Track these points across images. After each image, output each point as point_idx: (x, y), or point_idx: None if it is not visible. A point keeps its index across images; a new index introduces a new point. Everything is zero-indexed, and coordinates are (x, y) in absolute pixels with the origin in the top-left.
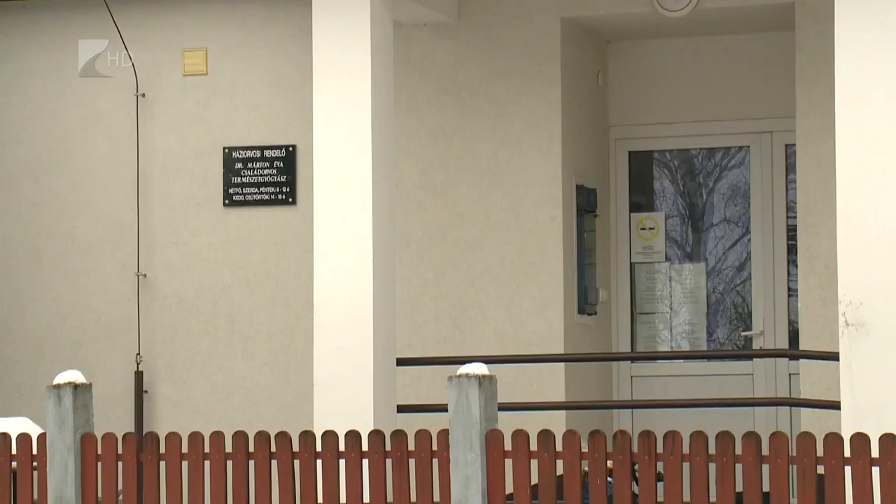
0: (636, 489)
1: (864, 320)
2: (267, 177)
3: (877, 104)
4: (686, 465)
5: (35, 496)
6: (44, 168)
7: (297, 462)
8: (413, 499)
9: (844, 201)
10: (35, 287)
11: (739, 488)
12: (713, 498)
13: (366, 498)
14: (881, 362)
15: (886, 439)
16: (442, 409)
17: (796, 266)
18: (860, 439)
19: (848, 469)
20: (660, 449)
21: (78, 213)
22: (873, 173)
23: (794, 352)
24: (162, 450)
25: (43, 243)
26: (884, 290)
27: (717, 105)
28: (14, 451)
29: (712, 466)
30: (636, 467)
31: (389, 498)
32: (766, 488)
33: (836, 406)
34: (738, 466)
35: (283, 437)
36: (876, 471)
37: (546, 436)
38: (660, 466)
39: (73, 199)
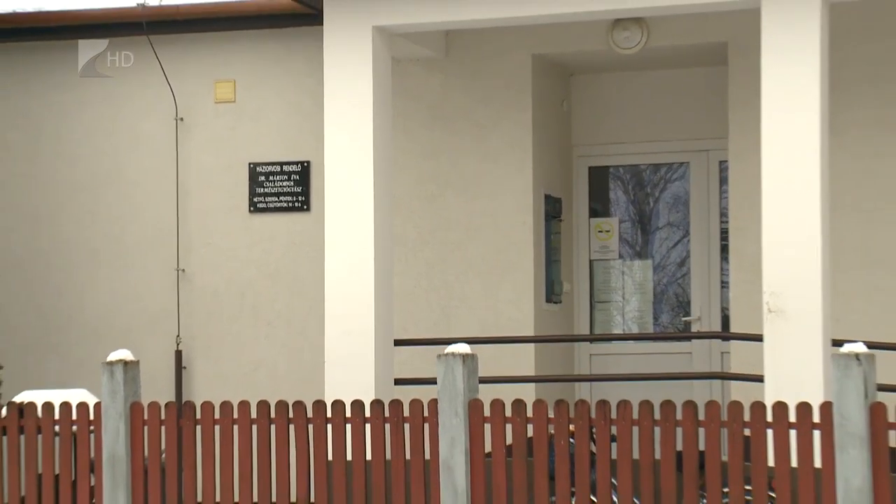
0: (594, 448)
1: (782, 308)
2: (285, 188)
3: (795, 128)
4: (635, 429)
5: (91, 454)
6: (98, 182)
7: (311, 426)
8: (408, 456)
9: (768, 209)
10: (92, 281)
11: (679, 448)
12: (657, 456)
13: (368, 456)
14: (797, 342)
15: (802, 407)
16: (432, 382)
17: (728, 263)
18: (780, 407)
19: (770, 432)
20: (613, 415)
21: (127, 219)
22: (792, 186)
23: (725, 334)
24: (198, 416)
25: (98, 245)
26: (799, 283)
27: (662, 127)
28: (74, 417)
29: (657, 430)
30: (594, 430)
31: (388, 456)
32: (701, 448)
33: (760, 379)
34: (679, 430)
35: (299, 405)
36: (793, 433)
37: (519, 404)
38: (613, 430)
39: (122, 208)
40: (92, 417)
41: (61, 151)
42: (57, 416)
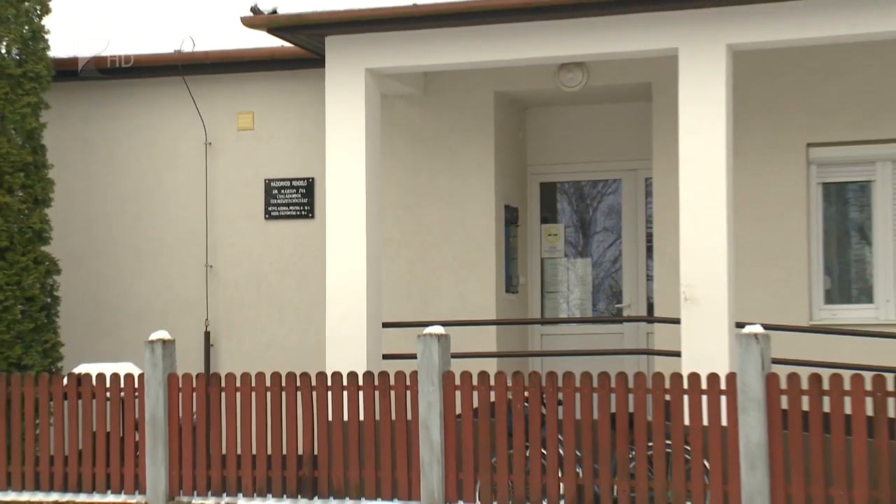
0: (544, 411)
1: (696, 297)
2: (294, 199)
3: (705, 151)
4: (578, 395)
5: (136, 416)
6: (142, 194)
7: (314, 393)
8: (393, 417)
9: (684, 217)
10: (137, 274)
11: (613, 410)
12: (595, 416)
13: (361, 417)
14: (707, 325)
15: (712, 377)
16: (413, 357)
17: (652, 260)
18: (694, 377)
19: (686, 397)
20: (560, 384)
21: (165, 224)
22: (703, 199)
23: (650, 318)
24: (222, 385)
25: (141, 245)
26: (709, 277)
27: (599, 151)
28: (122, 386)
29: (595, 396)
30: (544, 396)
31: (377, 417)
32: (630, 410)
33: (677, 354)
34: (613, 396)
35: (304, 376)
36: (704, 398)
37: (483, 375)
38: (560, 396)
39: (161, 215)
40: (136, 386)
41: (112, 169)
42: (108, 385)
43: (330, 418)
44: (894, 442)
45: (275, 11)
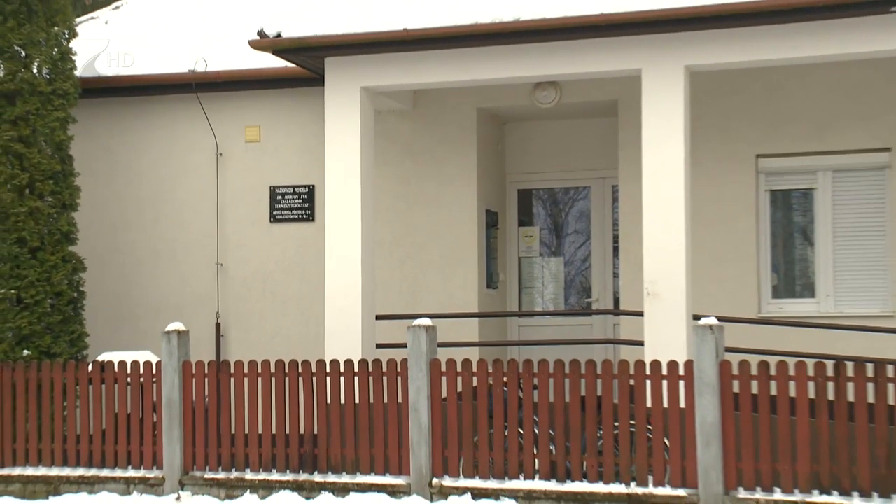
0: (521, 394)
1: (657, 292)
2: (296, 204)
3: (666, 162)
4: (551, 380)
5: (154, 399)
6: (159, 199)
7: (314, 379)
8: (385, 401)
9: (647, 221)
10: (154, 272)
11: (583, 393)
12: (567, 400)
13: (357, 400)
14: (667, 317)
15: (671, 364)
16: (403, 346)
17: (618, 259)
18: (655, 364)
19: (648, 382)
20: (535, 370)
21: (180, 227)
22: (664, 204)
23: (616, 311)
24: (232, 371)
25: (159, 246)
26: (669, 274)
27: (570, 161)
28: (141, 372)
29: (567, 381)
30: (521, 382)
31: (371, 400)
32: (599, 393)
33: (641, 343)
34: (583, 381)
35: (305, 363)
36: (665, 383)
37: (466, 362)
38: (535, 381)
39: (177, 218)
40: (154, 372)
41: (132, 177)
42: (129, 371)
43: (328, 401)
44: (833, 421)
45: (279, 35)
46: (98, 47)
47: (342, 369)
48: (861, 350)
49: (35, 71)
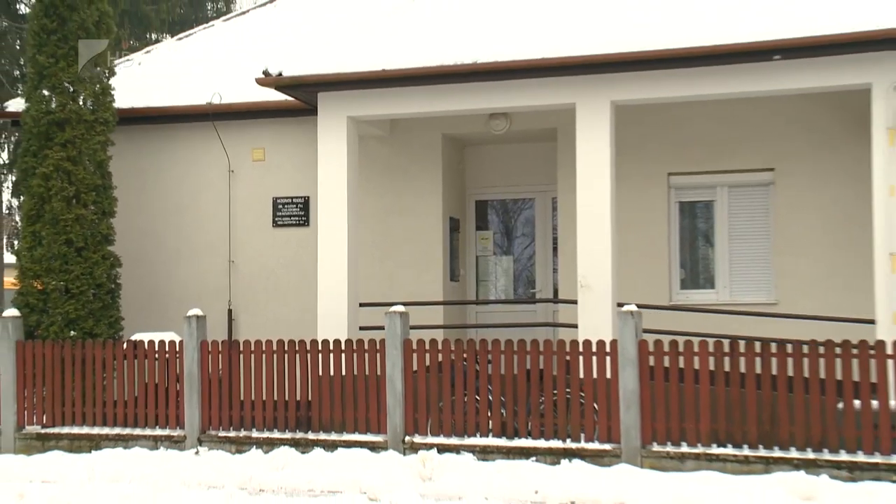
0: (478, 368)
1: (588, 285)
2: (294, 212)
3: (595, 178)
4: (502, 357)
5: (177, 372)
6: (182, 209)
7: (309, 355)
8: (367, 373)
9: (580, 226)
10: (178, 268)
11: (528, 368)
12: (515, 372)
13: (343, 373)
14: (596, 305)
15: (600, 343)
16: (381, 328)
17: (557, 257)
18: (587, 343)
19: (581, 358)
20: (489, 348)
21: (199, 230)
22: (594, 213)
23: (555, 300)
24: (241, 349)
25: (181, 246)
26: (598, 270)
27: (519, 177)
28: (167, 349)
29: (515, 357)
30: (478, 358)
31: (355, 373)
32: (541, 367)
33: (575, 326)
34: (528, 357)
35: (302, 343)
36: (594, 359)
37: (433, 342)
38: (490, 357)
39: (197, 224)
40: (177, 350)
41: (160, 190)
42: (157, 349)
43: (320, 374)
44: (729, 389)
45: (280, 74)
46: (133, 84)
47: (331, 348)
48: (751, 331)
49: (81, 103)
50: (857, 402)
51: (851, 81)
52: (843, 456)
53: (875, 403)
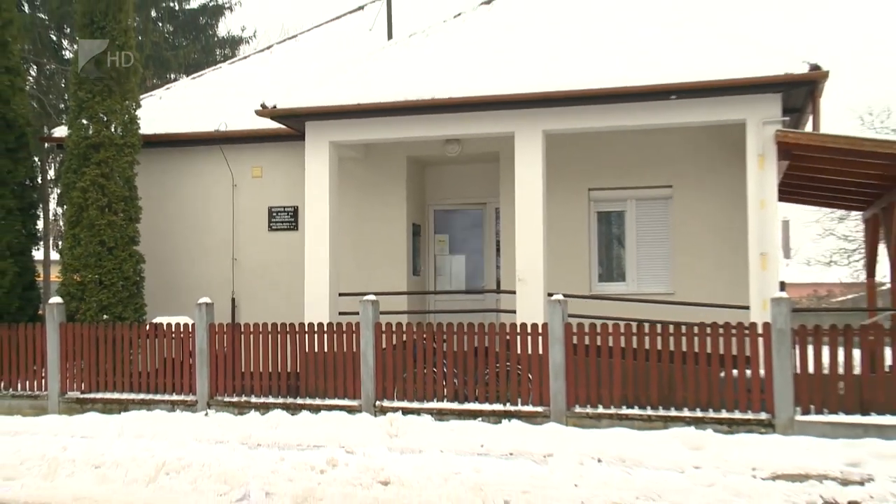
0: (435, 346)
1: (525, 278)
2: (286, 219)
3: (530, 193)
4: (455, 337)
5: (190, 349)
6: (195, 215)
7: (297, 336)
8: (345, 350)
9: (518, 232)
10: (191, 264)
11: (476, 346)
12: (466, 348)
13: (326, 349)
14: (531, 295)
15: (534, 326)
16: (356, 314)
17: (500, 257)
18: (523, 326)
19: (519, 337)
20: (444, 330)
21: (208, 234)
22: (529, 220)
23: (498, 291)
24: (242, 330)
25: (193, 246)
26: (532, 267)
27: (468, 191)
28: (182, 330)
29: (466, 337)
30: (435, 337)
31: (335, 350)
32: (486, 345)
33: (514, 312)
34: (476, 337)
35: (292, 325)
36: (530, 339)
37: (399, 325)
38: (444, 337)
39: (206, 228)
40: (190, 331)
41: (176, 201)
42: (173, 330)
43: (307, 350)
44: (636, 362)
45: (275, 107)
46: (155, 114)
47: (316, 329)
48: (654, 315)
49: (113, 130)
50: (735, 372)
51: (731, 117)
52: (724, 414)
53: (748, 372)
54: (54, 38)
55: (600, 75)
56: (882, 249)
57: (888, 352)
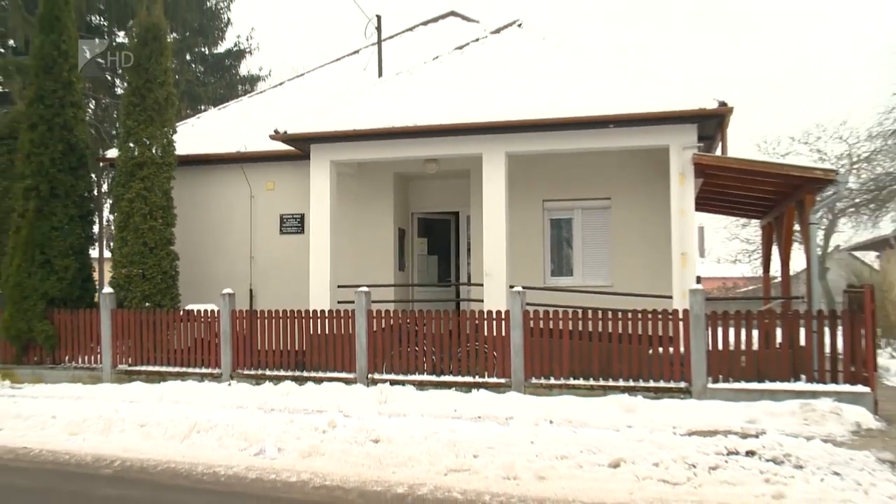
0: (417, 329)
1: (491, 273)
2: (294, 224)
3: (494, 204)
4: (433, 321)
5: (216, 330)
6: (220, 221)
7: (304, 321)
8: (343, 332)
9: (485, 236)
10: (216, 262)
11: (451, 328)
12: (442, 331)
13: (327, 332)
14: (496, 287)
15: (498, 313)
16: (352, 302)
17: (470, 256)
18: (490, 312)
19: (486, 322)
20: (425, 316)
21: (230, 236)
22: (494, 227)
23: (469, 283)
24: (258, 316)
25: (218, 246)
26: (496, 264)
27: (444, 201)
28: (209, 316)
29: (442, 322)
30: (417, 322)
31: (335, 332)
32: (459, 328)
33: (481, 301)
34: (451, 322)
35: (300, 312)
36: (495, 322)
37: (387, 312)
38: (424, 321)
39: (229, 232)
40: (216, 316)
41: (205, 209)
42: (202, 315)
43: (311, 332)
44: (582, 342)
45: (285, 132)
46: (188, 139)
47: (319, 315)
48: (596, 304)
49: (153, 151)
50: (661, 349)
51: (657, 143)
52: (652, 383)
53: (671, 349)
54: (108, 77)
55: (553, 107)
56: (775, 250)
57: (779, 332)
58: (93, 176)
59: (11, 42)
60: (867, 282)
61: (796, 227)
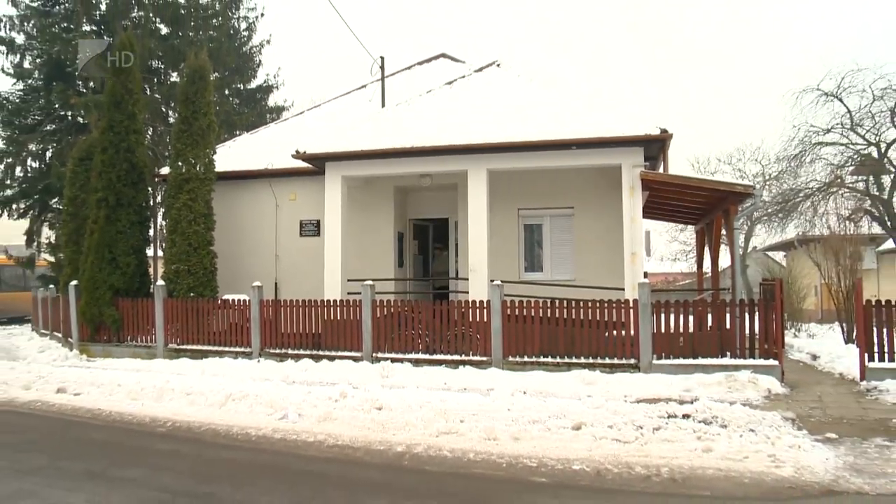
0: (414, 316)
1: (475, 269)
2: (311, 228)
3: (478, 212)
4: (427, 309)
5: (247, 317)
6: (252, 226)
7: (320, 308)
8: (351, 318)
9: (470, 238)
10: (248, 260)
11: (441, 315)
12: (434, 317)
13: (339, 317)
14: (479, 280)
15: (482, 303)
16: (359, 293)
17: (458, 255)
18: (475, 303)
19: (471, 310)
20: (420, 305)
21: (259, 238)
22: (477, 231)
23: (457, 278)
24: (282, 304)
25: (250, 247)
26: (479, 261)
27: (436, 209)
28: (242, 304)
29: (436, 309)
30: (413, 310)
31: (345, 318)
32: (448, 315)
33: (467, 292)
34: (442, 311)
35: (315, 301)
36: (478, 310)
37: (388, 301)
38: (420, 309)
39: (258, 235)
40: (247, 304)
41: (239, 216)
42: (237, 304)
43: (325, 318)
44: (550, 326)
45: (305, 152)
46: (226, 159)
47: (332, 304)
48: (562, 295)
49: (198, 169)
50: (615, 332)
51: (611, 162)
52: (608, 360)
53: (624, 332)
54: (163, 109)
55: (526, 132)
56: (706, 251)
57: (709, 317)
58: (149, 189)
59: (91, 84)
60: (777, 276)
61: (723, 231)
